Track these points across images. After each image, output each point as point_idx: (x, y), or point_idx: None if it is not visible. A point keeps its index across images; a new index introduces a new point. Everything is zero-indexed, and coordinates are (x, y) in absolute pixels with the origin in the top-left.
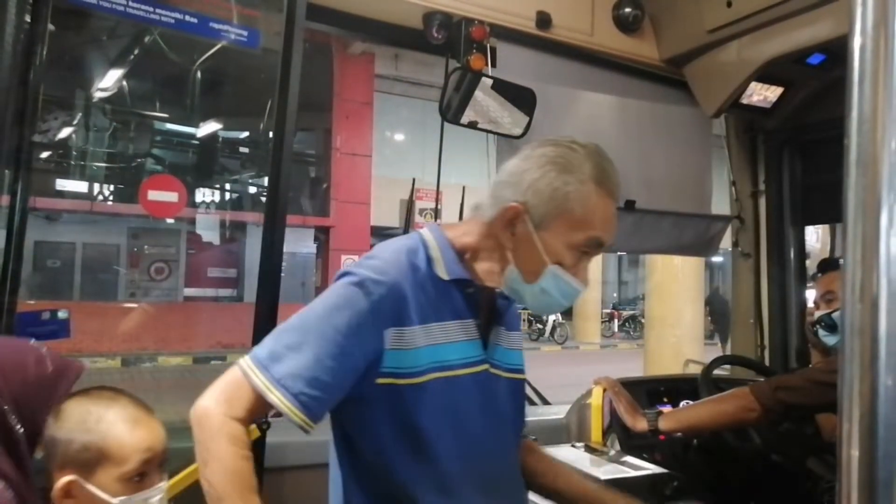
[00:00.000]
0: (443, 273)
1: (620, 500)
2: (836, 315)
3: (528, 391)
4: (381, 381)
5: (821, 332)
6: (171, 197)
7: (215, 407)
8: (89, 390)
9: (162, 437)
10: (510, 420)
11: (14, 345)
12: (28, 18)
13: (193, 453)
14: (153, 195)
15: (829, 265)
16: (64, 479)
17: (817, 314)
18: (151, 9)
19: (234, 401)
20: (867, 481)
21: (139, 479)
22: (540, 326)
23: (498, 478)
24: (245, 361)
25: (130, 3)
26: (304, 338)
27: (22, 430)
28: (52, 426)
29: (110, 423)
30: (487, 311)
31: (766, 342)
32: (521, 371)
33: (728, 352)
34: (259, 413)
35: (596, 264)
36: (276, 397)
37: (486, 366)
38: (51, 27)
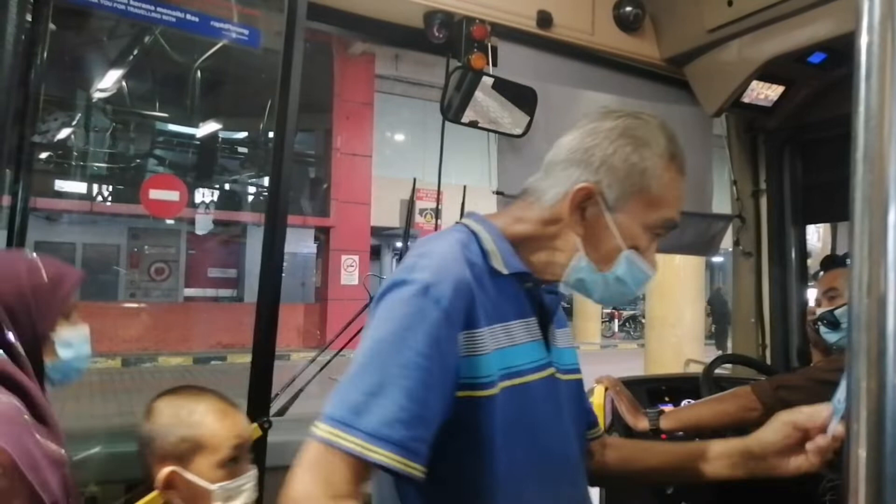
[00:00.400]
0: (501, 267)
1: (716, 445)
2: (838, 312)
3: None
4: (460, 394)
5: (822, 330)
6: (173, 196)
7: (314, 491)
8: (176, 389)
9: (248, 426)
10: (576, 426)
11: (4, 255)
12: (29, 18)
13: None
14: (154, 194)
15: (833, 262)
16: (165, 471)
17: (819, 311)
18: (152, 7)
19: (331, 478)
20: (875, 478)
21: (233, 464)
22: None
23: (571, 495)
24: (323, 429)
25: (132, 2)
26: (382, 375)
27: (17, 338)
28: (146, 424)
29: (202, 415)
30: (539, 307)
31: (768, 341)
32: (579, 371)
33: (726, 352)
34: (364, 479)
35: None
36: (378, 455)
37: (552, 369)
38: (51, 27)
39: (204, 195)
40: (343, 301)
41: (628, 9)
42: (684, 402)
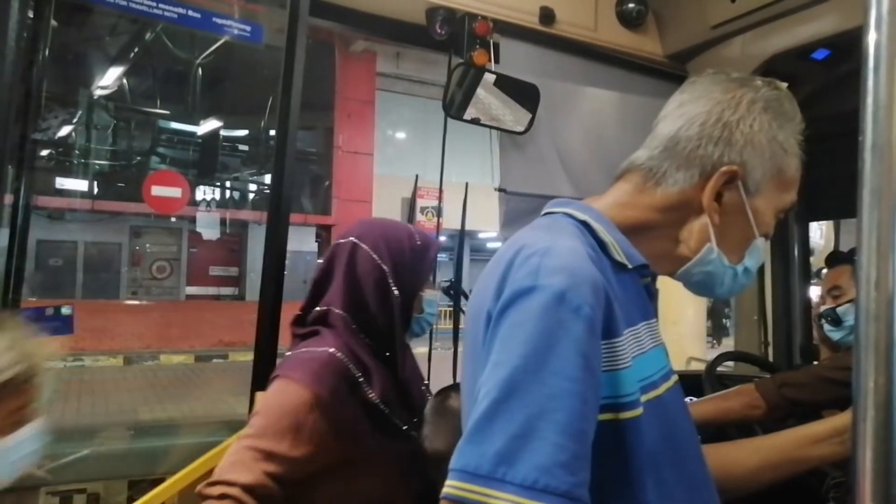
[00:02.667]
0: (624, 259)
1: (783, 436)
2: (840, 310)
3: None
4: (602, 416)
5: (826, 327)
6: (175, 193)
7: None
8: None
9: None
10: (695, 434)
11: (390, 222)
12: (31, 15)
13: (195, 451)
14: (156, 191)
15: (837, 259)
16: None
17: (823, 308)
18: (154, 3)
19: None
20: (882, 474)
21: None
22: None
23: None
24: (462, 489)
25: None
26: (528, 411)
27: (397, 292)
28: None
29: None
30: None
31: (770, 338)
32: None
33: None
34: None
35: None
36: None
37: (675, 376)
38: (53, 24)
39: (205, 193)
40: None
41: (631, 5)
42: (686, 400)
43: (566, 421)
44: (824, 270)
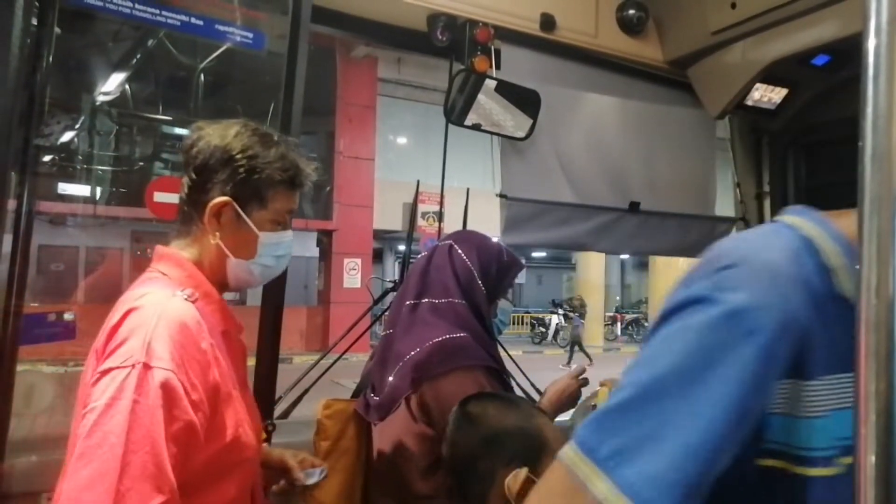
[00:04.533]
0: (851, 293)
1: None
2: None
3: (533, 393)
4: (764, 462)
5: None
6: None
7: None
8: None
9: None
10: None
11: (485, 237)
12: (35, 21)
13: None
14: (159, 196)
15: None
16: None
17: None
18: (157, 11)
19: None
20: (884, 482)
21: None
22: (542, 330)
23: None
24: (576, 458)
25: (137, 6)
26: (662, 420)
27: (485, 290)
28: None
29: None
30: None
31: None
32: None
33: None
34: None
35: (598, 267)
36: None
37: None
38: (56, 30)
39: None
40: (346, 304)
41: (631, 11)
42: None
43: (698, 446)
44: None
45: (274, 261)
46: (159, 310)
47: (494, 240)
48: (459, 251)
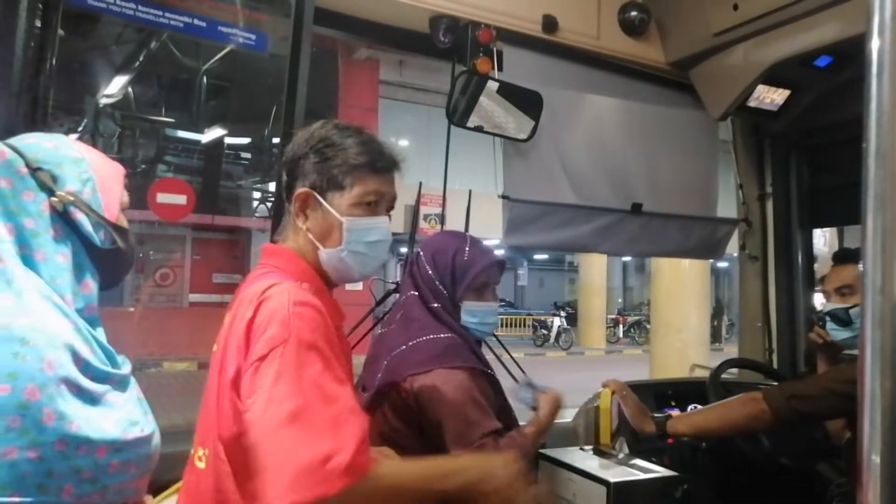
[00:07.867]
0: None
1: None
2: (853, 311)
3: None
4: None
5: (829, 325)
6: (180, 200)
7: None
8: None
9: None
10: None
11: (449, 235)
12: (38, 24)
13: None
14: (162, 198)
15: (845, 257)
16: None
17: (828, 306)
18: (160, 13)
19: None
20: (889, 481)
21: None
22: (545, 332)
23: None
24: None
25: (140, 8)
26: None
27: (446, 293)
28: None
29: None
30: None
31: (775, 345)
32: None
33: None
34: None
35: (600, 270)
36: None
37: None
38: (60, 33)
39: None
40: (347, 306)
41: (634, 13)
42: (690, 407)
43: None
44: (833, 266)
45: (366, 247)
46: (291, 297)
47: (494, 242)
48: (421, 257)
